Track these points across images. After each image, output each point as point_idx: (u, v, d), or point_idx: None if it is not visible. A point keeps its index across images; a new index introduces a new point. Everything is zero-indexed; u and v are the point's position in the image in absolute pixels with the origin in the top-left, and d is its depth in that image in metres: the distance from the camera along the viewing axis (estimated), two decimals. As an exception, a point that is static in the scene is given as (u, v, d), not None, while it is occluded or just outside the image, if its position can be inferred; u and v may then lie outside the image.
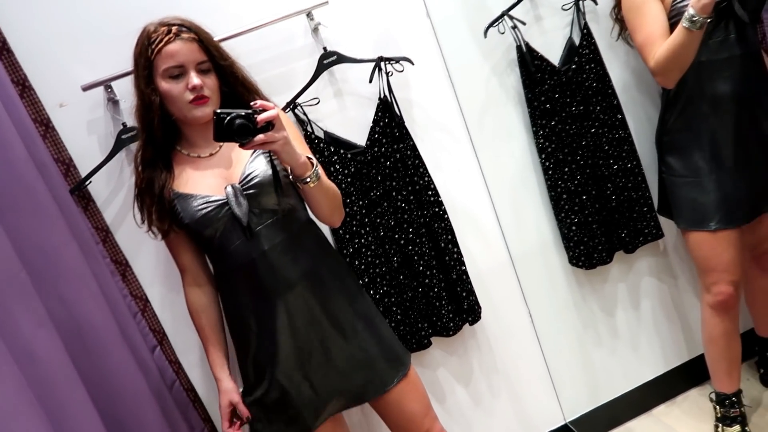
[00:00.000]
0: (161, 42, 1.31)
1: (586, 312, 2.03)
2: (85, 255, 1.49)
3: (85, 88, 1.54)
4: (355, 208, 1.71)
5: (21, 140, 1.37)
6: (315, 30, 1.70)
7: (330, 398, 1.45)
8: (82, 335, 1.42)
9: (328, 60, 1.68)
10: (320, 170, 1.33)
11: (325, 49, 1.68)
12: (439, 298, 1.78)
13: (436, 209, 1.77)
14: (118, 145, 1.59)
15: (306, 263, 1.42)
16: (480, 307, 1.85)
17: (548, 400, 2.06)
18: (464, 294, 1.81)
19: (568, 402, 2.07)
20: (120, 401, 1.47)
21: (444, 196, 1.81)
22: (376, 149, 1.72)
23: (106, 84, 1.57)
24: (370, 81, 1.70)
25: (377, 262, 1.73)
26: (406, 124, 1.76)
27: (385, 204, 1.74)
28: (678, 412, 2.08)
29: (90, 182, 1.60)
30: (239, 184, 1.36)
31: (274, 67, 1.72)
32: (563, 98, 1.80)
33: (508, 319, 1.99)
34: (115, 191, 1.66)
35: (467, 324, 1.85)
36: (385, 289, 1.74)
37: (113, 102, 1.60)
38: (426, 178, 1.77)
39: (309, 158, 1.32)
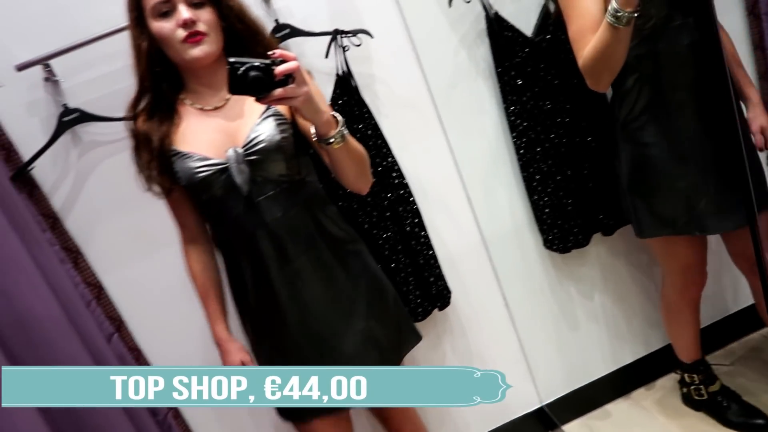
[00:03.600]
0: None
1: (562, 295, 1.95)
2: (28, 244, 1.44)
3: (21, 68, 1.46)
4: (313, 192, 1.63)
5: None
6: (266, 0, 1.58)
7: None
8: (26, 328, 1.37)
9: (281, 33, 1.57)
10: (345, 130, 1.20)
11: (276, 21, 1.57)
12: (407, 283, 1.71)
13: (401, 192, 1.69)
14: (60, 128, 1.52)
15: (310, 240, 1.32)
16: (449, 292, 1.78)
17: (524, 383, 2.01)
18: (432, 279, 1.75)
19: (544, 385, 2.02)
20: (84, 409, 1.44)
21: (411, 176, 1.73)
22: (334, 129, 1.63)
23: (44, 62, 1.48)
24: (326, 56, 1.59)
25: (338, 247, 1.66)
26: (369, 100, 1.66)
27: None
28: (658, 396, 2.02)
29: (33, 167, 1.54)
30: (242, 148, 1.25)
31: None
32: (536, 72, 1.67)
33: (482, 302, 1.92)
34: (62, 176, 1.60)
35: (436, 309, 1.79)
36: (346, 275, 1.67)
37: (52, 81, 1.52)
38: (390, 159, 1.68)
39: (333, 116, 1.19)
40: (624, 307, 2.00)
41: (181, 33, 1.20)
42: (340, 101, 1.62)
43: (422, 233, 1.72)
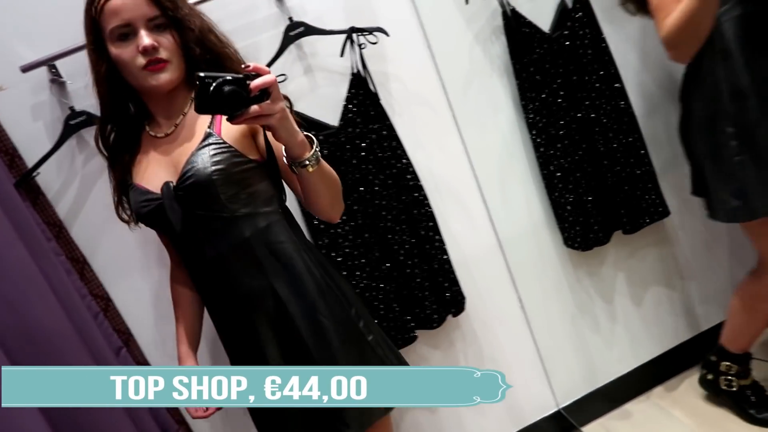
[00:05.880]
0: None
1: (581, 294, 1.92)
2: (34, 254, 1.37)
3: (25, 69, 1.40)
4: (329, 195, 1.58)
5: (-50, 132, 1.24)
6: (279, -2, 1.54)
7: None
8: (34, 341, 1.31)
9: (295, 32, 1.53)
10: (319, 152, 1.09)
11: (290, 19, 1.53)
12: (422, 288, 1.67)
13: (416, 194, 1.65)
14: (67, 131, 1.46)
15: (259, 279, 1.19)
16: (464, 298, 1.74)
17: (540, 386, 1.97)
18: (446, 284, 1.70)
19: (561, 388, 1.98)
20: (82, 408, 1.37)
21: (425, 176, 1.69)
22: (350, 129, 1.58)
23: (50, 63, 1.42)
24: (342, 54, 1.55)
25: (355, 253, 1.61)
26: (383, 99, 1.62)
27: (362, 189, 1.61)
28: (675, 394, 2.00)
29: (38, 173, 1.48)
30: (177, 181, 1.15)
31: (235, 41, 1.53)
32: (555, 68, 1.65)
33: (496, 305, 1.88)
34: (67, 182, 1.54)
35: (450, 315, 1.75)
36: (365, 282, 1.62)
37: (58, 83, 1.46)
38: (404, 161, 1.64)
39: (308, 136, 1.08)
40: (641, 305, 1.98)
41: (142, 60, 1.11)
42: (355, 101, 1.58)
43: (437, 237, 1.68)
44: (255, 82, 0.94)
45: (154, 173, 1.20)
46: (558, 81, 1.67)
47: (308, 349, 1.19)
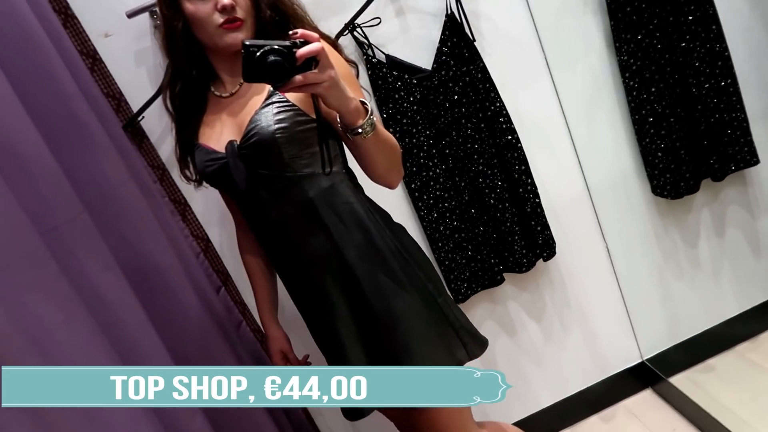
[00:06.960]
0: None
1: (667, 244, 1.88)
2: (144, 194, 1.43)
3: (130, 15, 1.44)
4: (421, 139, 1.58)
5: (70, 73, 1.28)
6: (373, -59, 1.53)
7: None
8: (148, 277, 1.37)
9: (389, -27, 1.52)
10: (376, 118, 1.07)
11: (385, -39, 1.52)
12: (512, 233, 1.66)
13: (509, 137, 1.63)
14: (169, 76, 1.49)
15: (324, 241, 1.18)
16: (555, 242, 1.73)
17: (624, 337, 1.96)
18: (539, 228, 1.70)
19: (645, 339, 1.96)
20: (190, 343, 1.43)
21: (513, 117, 1.66)
22: (443, 72, 1.58)
23: (152, 9, 1.45)
24: (438, -5, 1.53)
25: (446, 195, 1.62)
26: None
27: (454, 133, 1.60)
28: (764, 348, 1.95)
29: (143, 117, 1.53)
30: (240, 140, 1.15)
31: (327, -15, 1.57)
32: (651, 8, 1.59)
33: (583, 253, 1.86)
34: (169, 126, 1.56)
35: (541, 260, 1.74)
36: (455, 223, 1.64)
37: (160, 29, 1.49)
38: (498, 104, 1.62)
39: (363, 103, 1.05)
40: (730, 257, 1.93)
41: (219, 18, 1.11)
42: (450, 43, 1.57)
43: (529, 180, 1.67)
44: (300, 51, 0.92)
45: (219, 133, 1.20)
46: (654, 22, 1.61)
47: (374, 311, 1.19)
